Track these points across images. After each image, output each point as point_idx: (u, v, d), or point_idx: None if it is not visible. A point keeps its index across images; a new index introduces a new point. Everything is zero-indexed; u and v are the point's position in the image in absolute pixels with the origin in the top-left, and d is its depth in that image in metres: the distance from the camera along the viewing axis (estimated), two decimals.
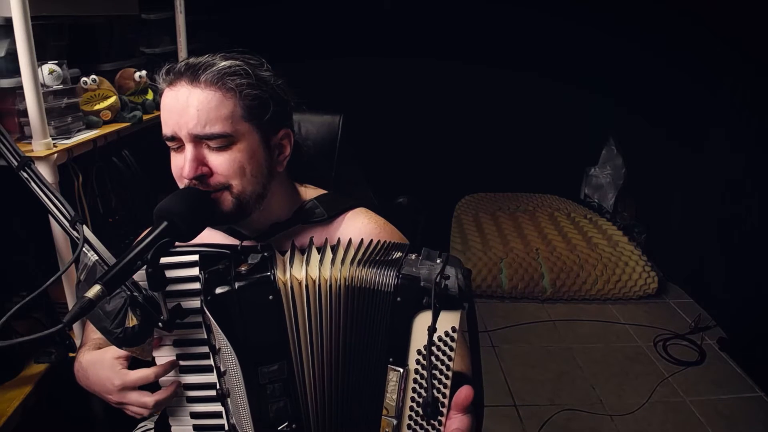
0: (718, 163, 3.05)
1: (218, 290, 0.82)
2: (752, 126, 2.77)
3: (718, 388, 2.49)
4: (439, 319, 0.79)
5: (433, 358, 0.81)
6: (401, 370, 0.83)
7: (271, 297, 0.83)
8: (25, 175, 0.95)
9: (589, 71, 3.70)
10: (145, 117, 1.70)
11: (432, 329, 0.79)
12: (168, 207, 0.78)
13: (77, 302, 0.69)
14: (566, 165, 4.09)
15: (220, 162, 0.90)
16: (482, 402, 0.91)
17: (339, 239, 0.92)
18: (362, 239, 0.90)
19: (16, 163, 0.97)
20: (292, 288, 0.83)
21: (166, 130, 0.91)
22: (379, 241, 0.90)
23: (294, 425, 0.87)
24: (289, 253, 0.87)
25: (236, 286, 0.82)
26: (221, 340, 0.84)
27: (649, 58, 3.50)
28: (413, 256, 0.86)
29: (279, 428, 0.87)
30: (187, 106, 0.89)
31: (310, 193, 1.09)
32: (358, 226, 1.06)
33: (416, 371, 0.83)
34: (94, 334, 1.00)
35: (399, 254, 0.86)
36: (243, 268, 0.84)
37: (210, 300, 0.82)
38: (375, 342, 0.84)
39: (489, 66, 3.65)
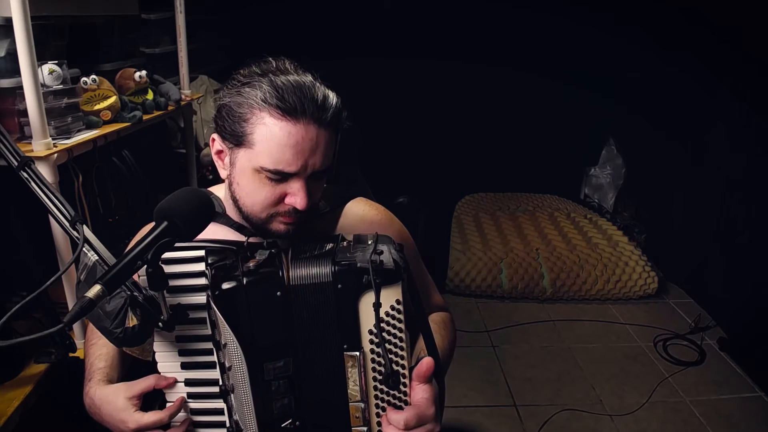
0: (718, 163, 3.05)
1: (226, 285, 0.82)
2: (752, 126, 2.77)
3: (718, 388, 2.49)
4: (381, 294, 0.82)
5: (384, 334, 0.83)
6: (357, 354, 0.85)
7: (279, 293, 0.83)
8: (25, 175, 0.95)
9: (589, 71, 3.70)
10: (145, 117, 1.70)
11: (377, 305, 0.81)
12: (168, 207, 0.78)
13: (77, 302, 0.68)
14: (566, 165, 4.09)
15: (316, 189, 0.93)
16: (442, 371, 0.94)
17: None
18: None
19: (16, 163, 0.97)
20: (297, 284, 0.84)
21: (290, 168, 0.87)
22: (309, 237, 0.92)
23: (297, 422, 0.88)
24: (291, 250, 0.88)
25: (245, 282, 0.82)
26: (227, 335, 0.84)
27: (649, 58, 3.50)
28: (345, 243, 0.88)
29: (282, 425, 0.87)
30: (317, 147, 0.88)
31: None
32: (360, 214, 1.08)
33: (372, 351, 0.85)
34: (99, 362, 0.99)
35: (331, 245, 0.88)
36: (251, 264, 0.84)
37: (218, 295, 0.82)
38: (327, 333, 0.85)
39: (489, 66, 3.65)
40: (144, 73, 1.72)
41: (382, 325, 0.83)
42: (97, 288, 0.69)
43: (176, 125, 2.33)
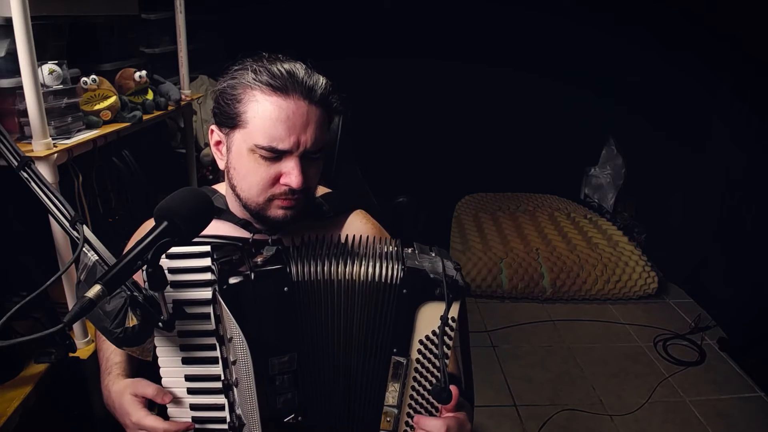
0: (719, 162, 3.05)
1: (233, 280, 0.82)
2: (752, 125, 2.77)
3: (718, 388, 2.49)
4: (444, 311, 0.83)
5: (436, 348, 0.84)
6: (404, 361, 0.86)
7: (286, 289, 0.84)
8: (25, 175, 0.96)
9: (589, 71, 3.70)
10: (145, 117, 1.70)
11: (445, 318, 0.82)
12: (168, 207, 0.78)
13: (77, 302, 0.68)
14: (566, 165, 4.09)
15: (311, 172, 0.96)
16: (472, 389, 0.95)
17: (339, 236, 0.94)
18: (357, 235, 0.93)
19: (16, 163, 0.97)
20: (306, 281, 0.85)
21: (282, 144, 0.90)
22: (374, 237, 0.93)
23: (300, 417, 0.88)
24: (301, 247, 0.89)
25: (252, 277, 0.82)
26: (233, 329, 0.84)
27: (649, 58, 3.50)
28: (409, 250, 0.89)
29: (285, 419, 0.88)
30: (308, 123, 0.91)
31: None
32: (358, 226, 1.10)
33: (417, 361, 0.86)
34: (116, 357, 1.00)
35: (393, 248, 0.89)
36: (259, 260, 0.85)
37: (225, 289, 0.82)
38: (379, 333, 0.86)
39: (489, 66, 3.65)
40: (144, 73, 1.72)
41: (435, 338, 0.84)
42: (97, 288, 0.69)
43: (176, 125, 2.33)
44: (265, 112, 0.90)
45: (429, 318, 0.84)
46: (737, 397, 2.43)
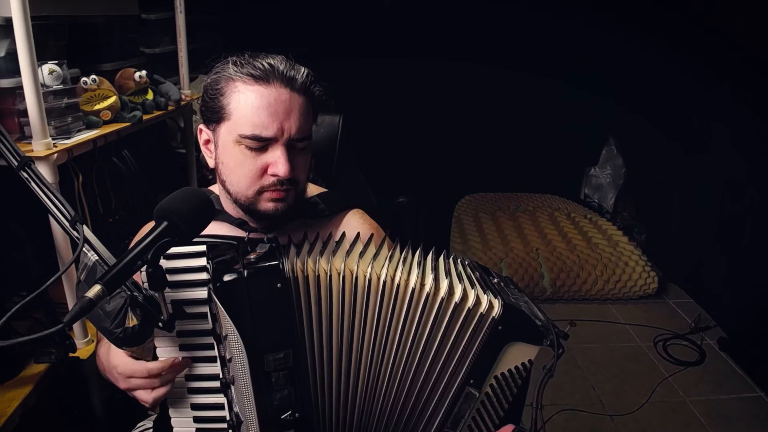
0: (718, 163, 3.05)
1: (226, 277, 0.83)
2: (752, 126, 2.77)
3: (718, 388, 2.49)
4: (526, 352, 0.86)
5: (509, 387, 0.87)
6: (477, 394, 0.87)
7: (279, 285, 0.84)
8: (25, 175, 0.96)
9: (589, 71, 3.70)
10: (145, 117, 1.70)
11: (551, 370, 0.87)
12: (168, 207, 0.78)
13: (77, 302, 0.68)
14: (566, 165, 4.09)
15: (299, 162, 0.96)
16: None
17: (344, 234, 0.95)
18: (377, 236, 0.94)
19: (16, 163, 0.97)
20: (330, 278, 0.85)
21: (266, 132, 0.91)
22: (447, 252, 0.94)
23: (297, 414, 0.88)
24: (306, 244, 0.89)
25: (245, 274, 0.83)
26: (228, 327, 0.84)
27: (649, 58, 3.50)
28: (496, 281, 0.90)
29: (282, 416, 0.87)
30: (291, 110, 0.92)
31: (311, 190, 1.12)
32: (355, 225, 1.09)
33: (486, 395, 0.87)
34: None
35: (478, 274, 0.91)
36: (252, 257, 0.85)
37: (219, 287, 0.83)
38: (454, 358, 0.87)
39: (489, 66, 3.65)
40: (144, 73, 1.72)
41: (510, 376, 0.87)
42: (97, 288, 0.69)
43: (176, 125, 2.33)
44: (248, 101, 0.91)
45: (512, 356, 0.86)
46: (737, 397, 2.43)
